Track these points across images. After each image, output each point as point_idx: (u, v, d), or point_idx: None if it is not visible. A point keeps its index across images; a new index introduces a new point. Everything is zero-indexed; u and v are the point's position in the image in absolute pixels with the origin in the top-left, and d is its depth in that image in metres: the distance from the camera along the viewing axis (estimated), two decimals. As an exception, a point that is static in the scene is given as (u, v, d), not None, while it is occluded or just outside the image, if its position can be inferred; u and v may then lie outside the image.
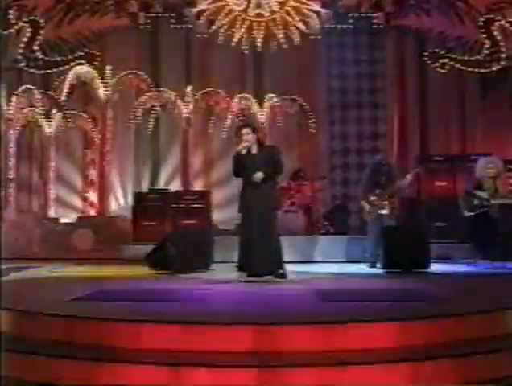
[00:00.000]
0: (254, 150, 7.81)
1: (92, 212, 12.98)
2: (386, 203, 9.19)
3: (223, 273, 8.24)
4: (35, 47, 12.48)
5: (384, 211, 9.21)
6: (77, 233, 11.62)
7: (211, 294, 6.19)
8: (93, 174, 13.09)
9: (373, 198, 9.17)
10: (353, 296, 6.06)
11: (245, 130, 7.85)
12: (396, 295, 6.14)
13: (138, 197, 11.57)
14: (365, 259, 9.32)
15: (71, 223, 12.21)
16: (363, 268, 9.10)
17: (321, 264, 10.10)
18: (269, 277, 7.59)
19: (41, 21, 12.44)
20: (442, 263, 9.23)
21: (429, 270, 8.37)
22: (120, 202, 13.08)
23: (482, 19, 12.40)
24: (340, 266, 9.60)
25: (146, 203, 11.39)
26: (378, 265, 8.84)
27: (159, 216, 11.17)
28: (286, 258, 7.91)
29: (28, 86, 12.46)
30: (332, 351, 4.36)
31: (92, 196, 13.08)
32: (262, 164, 7.72)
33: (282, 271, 7.70)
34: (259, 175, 7.61)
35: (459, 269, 9.04)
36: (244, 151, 7.73)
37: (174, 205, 11.34)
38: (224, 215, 12.43)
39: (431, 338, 4.66)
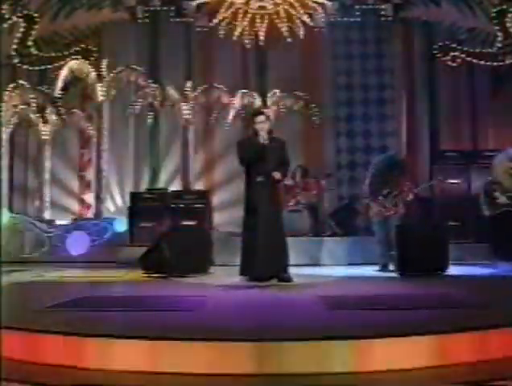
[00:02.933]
0: (265, 141, 6.95)
1: (89, 214, 12.03)
2: (395, 203, 8.30)
3: (223, 277, 7.35)
4: (30, 43, 11.61)
5: (391, 212, 8.35)
6: (71, 236, 10.70)
7: (206, 302, 5.23)
8: (90, 174, 12.14)
9: (381, 197, 8.25)
10: (369, 303, 5.08)
11: (261, 117, 7.07)
12: (422, 301, 5.15)
13: (135, 197, 10.66)
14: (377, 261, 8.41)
15: (66, 226, 11.28)
16: (374, 270, 8.16)
17: (328, 266, 9.21)
18: (273, 280, 6.71)
19: (35, 15, 11.58)
20: (457, 265, 8.24)
21: (447, 273, 7.44)
22: (117, 203, 12.12)
23: (495, 10, 11.49)
24: (349, 269, 8.70)
25: (143, 204, 10.50)
26: (391, 267, 7.93)
27: (157, 217, 10.24)
28: (290, 261, 7.11)
29: (20, 81, 11.49)
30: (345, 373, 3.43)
31: (89, 197, 12.14)
32: (273, 156, 6.92)
33: (286, 274, 6.82)
34: (277, 174, 6.89)
35: (479, 272, 8.11)
36: (267, 140, 6.87)
37: (173, 205, 10.43)
38: (226, 216, 11.53)
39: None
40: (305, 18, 11.85)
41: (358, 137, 12.52)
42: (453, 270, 7.63)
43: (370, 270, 8.22)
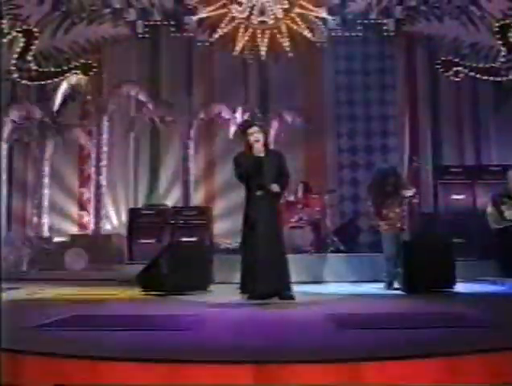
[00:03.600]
0: (261, 153, 6.66)
1: (87, 230, 11.72)
2: (398, 213, 7.99)
3: (222, 295, 7.02)
4: (29, 58, 11.41)
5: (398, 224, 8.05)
6: (69, 252, 10.39)
7: (204, 321, 4.90)
8: (89, 190, 11.83)
9: (385, 211, 7.95)
10: (378, 321, 4.74)
11: (253, 129, 6.75)
12: (434, 320, 4.82)
13: (134, 213, 10.35)
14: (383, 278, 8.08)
15: (63, 242, 10.98)
16: (380, 288, 7.83)
17: (332, 284, 8.87)
18: (274, 299, 6.39)
19: (35, 30, 11.39)
20: (462, 282, 7.88)
21: (454, 290, 7.11)
22: (116, 219, 11.81)
23: (497, 25, 11.31)
24: (354, 287, 8.35)
25: (142, 220, 10.18)
26: (396, 285, 7.60)
27: (156, 234, 9.93)
28: (292, 278, 6.75)
29: (19, 97, 11.25)
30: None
31: (88, 214, 11.83)
32: (270, 169, 6.61)
33: (289, 292, 6.50)
34: (276, 187, 6.55)
35: (486, 289, 7.76)
36: (262, 153, 6.56)
37: (172, 221, 10.12)
38: (225, 229, 11.20)
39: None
40: (306, 33, 11.64)
41: (360, 153, 12.25)
42: (460, 288, 7.29)
43: (375, 288, 7.89)
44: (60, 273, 10.14)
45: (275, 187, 6.58)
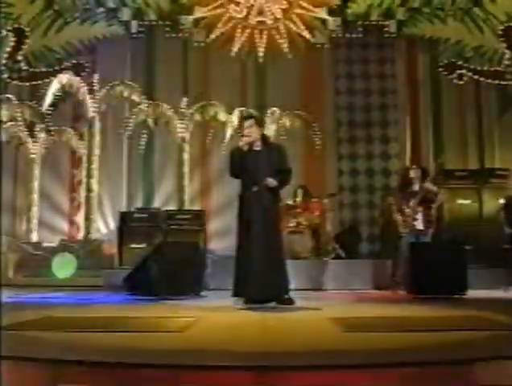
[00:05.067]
0: (258, 147, 6.01)
1: (78, 235, 11.03)
2: (420, 213, 7.45)
3: (216, 300, 6.34)
4: (19, 57, 10.80)
5: (419, 225, 7.47)
6: (57, 258, 9.71)
7: (196, 323, 4.22)
8: (81, 194, 11.16)
9: (407, 210, 7.40)
10: (389, 324, 4.08)
11: (248, 122, 6.08)
12: (449, 323, 4.16)
13: (125, 217, 9.66)
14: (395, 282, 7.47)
15: (52, 248, 10.29)
16: (387, 294, 7.19)
17: (333, 291, 8.20)
18: (272, 303, 5.72)
19: (26, 29, 10.80)
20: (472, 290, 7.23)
21: (466, 296, 6.46)
22: (108, 223, 11.12)
23: (502, 28, 10.76)
24: (357, 293, 7.67)
25: (133, 224, 9.50)
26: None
27: (148, 238, 9.24)
28: (291, 284, 6.06)
29: (8, 96, 10.60)
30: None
31: (79, 218, 11.15)
32: (267, 164, 5.94)
33: (288, 296, 5.82)
34: (272, 182, 5.84)
35: (501, 296, 7.10)
36: (246, 147, 5.92)
37: (165, 225, 9.45)
38: (220, 233, 10.56)
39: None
40: (306, 34, 11.06)
41: (360, 159, 11.63)
42: (472, 294, 6.64)
43: (380, 294, 7.25)
44: (48, 278, 9.52)
45: (272, 182, 5.92)
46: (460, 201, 9.59)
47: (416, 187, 7.84)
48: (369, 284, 8.65)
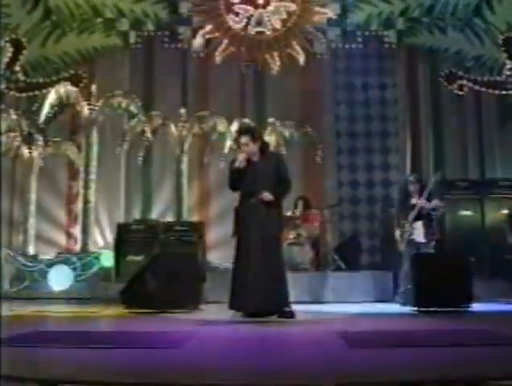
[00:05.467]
0: (256, 158, 5.84)
1: (76, 248, 10.82)
2: (419, 226, 7.27)
3: (214, 313, 6.14)
4: (17, 68, 10.64)
5: (418, 238, 7.27)
6: (54, 270, 9.50)
7: (193, 338, 4.02)
8: (78, 206, 10.95)
9: (407, 224, 7.23)
10: (395, 340, 3.88)
11: (243, 139, 5.89)
12: (457, 338, 3.96)
13: (123, 229, 9.46)
14: (398, 296, 7.27)
15: (49, 260, 10.08)
16: (389, 307, 6.99)
17: (334, 304, 7.99)
18: (272, 317, 5.52)
19: (24, 40, 10.64)
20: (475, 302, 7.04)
21: (472, 309, 6.26)
22: (106, 236, 10.91)
23: (502, 37, 10.62)
24: (359, 306, 7.47)
25: (130, 235, 9.30)
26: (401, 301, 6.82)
27: (146, 250, 9.02)
28: (291, 297, 5.85)
29: (5, 107, 10.42)
30: None
31: (76, 230, 10.94)
32: (265, 175, 5.77)
33: (289, 309, 5.62)
34: (267, 196, 5.66)
35: (505, 309, 6.90)
36: (242, 164, 5.74)
37: (162, 237, 9.25)
38: (221, 252, 10.34)
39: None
40: (305, 44, 10.92)
41: (360, 170, 11.44)
42: (477, 307, 6.44)
43: (382, 307, 7.04)
44: (44, 291, 9.33)
45: (267, 196, 5.73)
46: (463, 212, 9.41)
47: (415, 201, 7.65)
48: (369, 296, 8.45)
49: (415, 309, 6.37)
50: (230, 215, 6.36)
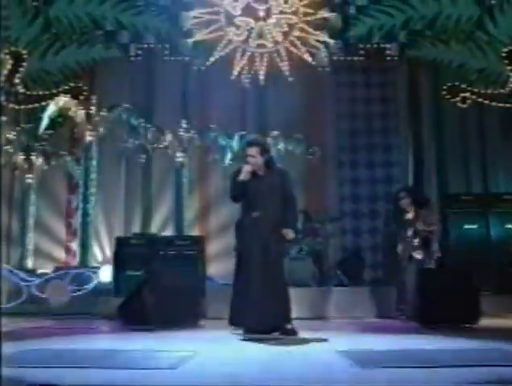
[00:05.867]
0: (261, 172, 5.66)
1: (74, 262, 10.61)
2: (418, 243, 7.09)
3: (214, 330, 5.93)
4: (17, 81, 10.51)
5: (418, 255, 7.09)
6: (51, 285, 9.29)
7: (192, 358, 3.82)
8: (77, 220, 10.75)
9: (408, 239, 7.06)
10: (402, 358, 3.66)
11: (251, 150, 5.71)
12: (467, 357, 3.74)
13: (121, 243, 9.24)
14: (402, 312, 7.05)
15: (47, 275, 9.86)
16: (393, 323, 6.78)
17: (336, 320, 7.77)
18: (274, 334, 5.30)
19: (24, 52, 10.52)
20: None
21: (479, 326, 6.05)
22: (105, 250, 10.70)
23: (505, 50, 10.49)
24: (361, 322, 7.25)
25: (129, 250, 9.08)
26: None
27: (145, 265, 8.76)
28: (292, 313, 5.64)
29: (5, 119, 10.27)
30: None
31: (75, 244, 10.73)
32: (269, 190, 5.61)
33: (291, 326, 5.41)
34: (289, 234, 5.60)
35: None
36: (247, 177, 5.57)
37: (163, 252, 9.04)
38: (221, 268, 10.13)
39: None
40: (307, 57, 10.78)
41: (362, 184, 11.25)
42: (483, 323, 6.23)
43: (386, 323, 6.83)
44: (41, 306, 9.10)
45: (289, 233, 5.59)
46: (467, 226, 9.22)
47: (410, 216, 7.48)
48: (372, 312, 8.24)
49: (420, 325, 6.16)
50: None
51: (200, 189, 10.95)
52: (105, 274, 9.55)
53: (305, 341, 5.07)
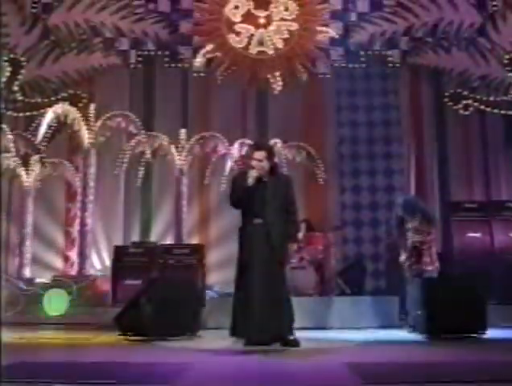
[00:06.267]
0: (265, 178, 5.47)
1: (72, 271, 10.41)
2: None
3: (214, 341, 5.74)
4: (15, 88, 10.36)
5: (415, 265, 6.94)
6: (49, 295, 9.09)
7: (190, 370, 3.63)
8: (76, 228, 10.56)
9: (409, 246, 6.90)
10: (413, 374, 3.47)
11: (259, 154, 5.50)
12: (485, 371, 3.54)
13: (119, 251, 9.05)
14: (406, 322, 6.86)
15: (44, 284, 9.67)
16: (397, 333, 6.58)
17: (339, 330, 7.56)
18: (276, 345, 5.11)
19: (22, 59, 10.38)
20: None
21: (487, 336, 5.85)
22: (104, 259, 10.51)
23: (508, 57, 10.34)
24: (365, 333, 7.05)
25: (128, 259, 8.89)
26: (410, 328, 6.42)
27: (144, 274, 8.58)
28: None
29: (3, 127, 10.09)
30: None
31: (73, 253, 10.54)
32: (273, 197, 5.42)
33: (293, 337, 5.22)
34: (294, 248, 5.63)
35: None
36: (252, 182, 5.37)
37: (161, 261, 8.85)
38: (221, 276, 9.94)
39: None
40: (308, 64, 10.63)
41: (364, 193, 11.07)
42: (490, 334, 6.03)
43: (389, 333, 6.63)
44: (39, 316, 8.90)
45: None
46: (471, 234, 9.04)
47: (409, 225, 7.30)
48: (375, 322, 8.02)
49: (426, 336, 5.97)
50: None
51: (200, 197, 10.79)
52: (104, 283, 9.36)
53: (307, 352, 4.88)
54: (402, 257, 7.17)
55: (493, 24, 10.49)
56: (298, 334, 5.38)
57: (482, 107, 10.53)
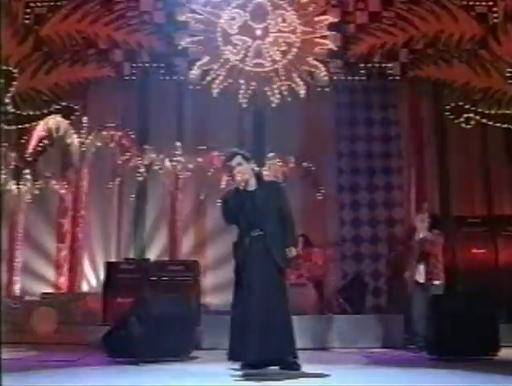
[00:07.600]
0: (252, 187, 5.05)
1: (63, 288, 9.95)
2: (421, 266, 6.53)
3: (209, 364, 5.29)
4: (7, 100, 9.97)
5: (420, 279, 6.54)
6: (37, 312, 8.63)
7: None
8: (68, 244, 10.13)
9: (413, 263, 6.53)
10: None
11: (235, 160, 5.11)
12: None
13: (111, 268, 8.61)
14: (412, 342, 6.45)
15: (34, 301, 9.21)
16: (404, 354, 6.15)
17: (340, 350, 7.12)
18: (275, 368, 4.65)
19: (14, 71, 10.00)
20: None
21: (499, 357, 5.42)
22: (94, 275, 10.05)
23: (509, 70, 10.00)
24: (366, 353, 6.60)
25: (119, 276, 8.45)
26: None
27: (136, 292, 8.08)
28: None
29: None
30: None
31: (64, 269, 10.08)
32: (264, 205, 4.98)
33: (294, 359, 4.76)
34: (294, 252, 5.10)
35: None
36: (241, 186, 4.97)
37: (154, 278, 8.40)
38: (215, 286, 9.53)
39: None
40: (306, 76, 10.27)
41: (363, 208, 10.68)
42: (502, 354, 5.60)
43: (396, 354, 6.20)
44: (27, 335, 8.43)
45: (292, 251, 5.05)
46: (475, 249, 8.65)
47: (417, 236, 6.94)
48: (377, 341, 7.59)
49: (435, 356, 5.53)
50: (229, 254, 5.58)
51: (195, 212, 10.37)
52: (95, 300, 8.89)
53: (309, 376, 4.45)
54: (407, 274, 6.77)
55: (494, 36, 10.17)
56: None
57: (484, 120, 10.17)
